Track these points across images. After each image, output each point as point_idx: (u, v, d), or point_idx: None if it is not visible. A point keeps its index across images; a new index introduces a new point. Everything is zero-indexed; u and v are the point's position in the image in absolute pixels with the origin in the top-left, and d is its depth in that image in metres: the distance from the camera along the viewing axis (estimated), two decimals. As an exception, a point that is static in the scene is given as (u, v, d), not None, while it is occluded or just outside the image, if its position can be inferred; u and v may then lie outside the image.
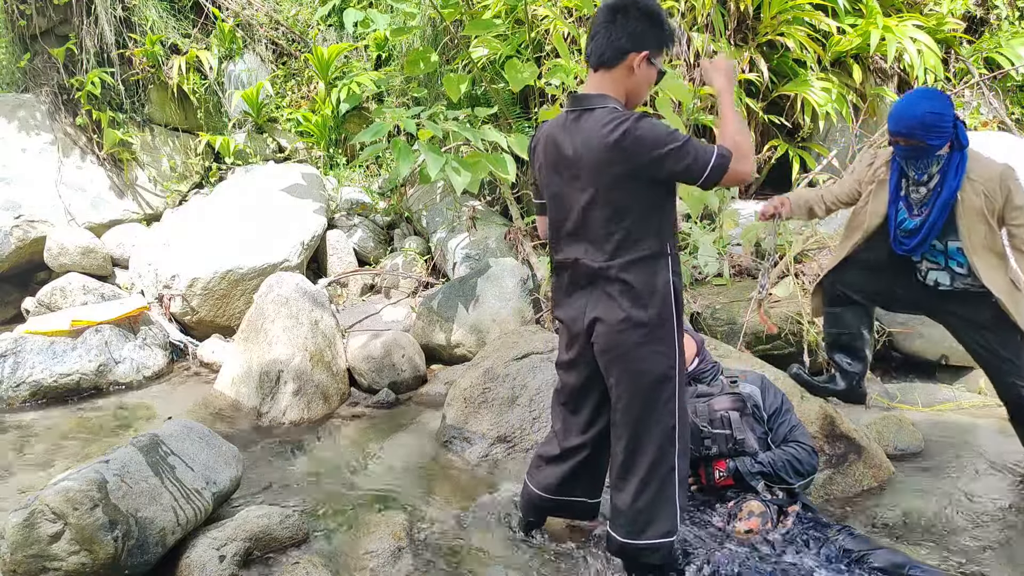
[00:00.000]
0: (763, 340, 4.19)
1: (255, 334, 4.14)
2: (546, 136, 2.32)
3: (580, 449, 2.44)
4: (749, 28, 5.44)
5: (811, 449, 2.73)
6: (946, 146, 2.71)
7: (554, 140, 2.27)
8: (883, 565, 2.28)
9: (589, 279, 2.25)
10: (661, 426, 2.23)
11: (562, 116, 2.28)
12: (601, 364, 2.28)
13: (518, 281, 4.71)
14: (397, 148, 4.36)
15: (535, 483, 2.55)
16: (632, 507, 2.26)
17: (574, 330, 2.32)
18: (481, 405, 3.50)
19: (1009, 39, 5.83)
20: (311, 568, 2.35)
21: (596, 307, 2.23)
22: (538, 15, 5.20)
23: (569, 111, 2.26)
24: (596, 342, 2.25)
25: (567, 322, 2.35)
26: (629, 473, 2.26)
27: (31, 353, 4.21)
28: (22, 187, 5.63)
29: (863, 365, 3.21)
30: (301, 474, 3.31)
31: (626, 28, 2.17)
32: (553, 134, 2.28)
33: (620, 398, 2.25)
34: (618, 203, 2.16)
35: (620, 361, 2.22)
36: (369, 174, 6.62)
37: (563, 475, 2.48)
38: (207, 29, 6.62)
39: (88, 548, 2.20)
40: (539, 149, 2.35)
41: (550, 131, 2.30)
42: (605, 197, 2.16)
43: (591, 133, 2.15)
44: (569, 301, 2.33)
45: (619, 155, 2.10)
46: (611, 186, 2.15)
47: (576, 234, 2.25)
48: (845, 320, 3.15)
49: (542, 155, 2.33)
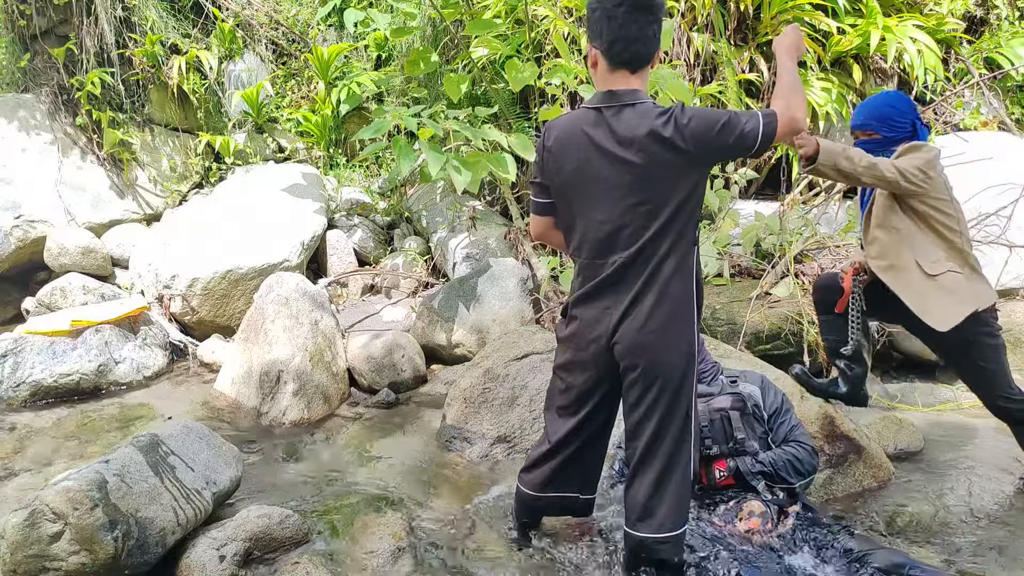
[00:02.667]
0: (763, 340, 4.19)
1: (255, 334, 4.14)
2: (570, 134, 2.23)
3: (571, 444, 2.43)
4: (749, 28, 5.44)
5: (811, 449, 2.73)
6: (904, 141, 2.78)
7: (587, 136, 2.19)
8: (883, 565, 2.28)
9: (620, 276, 2.22)
10: (679, 418, 2.25)
11: (590, 113, 2.21)
12: (625, 362, 2.24)
13: (518, 281, 4.71)
14: (398, 147, 4.36)
15: (527, 483, 2.53)
16: (651, 501, 2.26)
17: (596, 330, 2.27)
18: (481, 405, 3.50)
19: (1009, 39, 5.83)
20: (311, 568, 2.35)
21: (623, 304, 2.21)
22: (538, 15, 5.20)
23: (604, 107, 2.19)
24: (621, 340, 2.22)
25: (588, 322, 2.29)
26: (649, 467, 2.26)
27: (31, 353, 4.21)
28: (22, 187, 5.62)
29: (864, 368, 3.20)
30: (301, 474, 3.31)
31: (655, 28, 2.19)
32: (584, 130, 2.20)
33: (645, 393, 2.23)
34: (660, 196, 2.16)
35: (648, 356, 2.21)
36: (369, 174, 6.62)
37: (555, 471, 2.46)
38: (207, 29, 6.62)
39: (88, 548, 2.20)
40: (560, 147, 2.25)
41: (577, 128, 2.22)
42: (650, 190, 2.16)
43: (638, 127, 2.13)
44: (593, 300, 2.28)
45: (678, 144, 2.10)
46: (658, 178, 2.15)
47: (612, 231, 2.21)
48: (839, 326, 3.15)
49: (569, 153, 2.23)
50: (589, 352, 2.31)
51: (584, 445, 2.43)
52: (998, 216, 4.41)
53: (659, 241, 2.18)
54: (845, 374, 3.18)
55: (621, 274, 2.21)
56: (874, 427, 3.47)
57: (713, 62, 5.25)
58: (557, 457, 2.45)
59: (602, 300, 2.26)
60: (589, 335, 2.29)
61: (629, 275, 2.21)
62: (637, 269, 2.20)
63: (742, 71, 5.24)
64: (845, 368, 3.17)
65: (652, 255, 2.18)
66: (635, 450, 2.29)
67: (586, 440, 2.43)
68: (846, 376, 3.18)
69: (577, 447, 2.43)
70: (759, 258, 4.85)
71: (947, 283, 2.74)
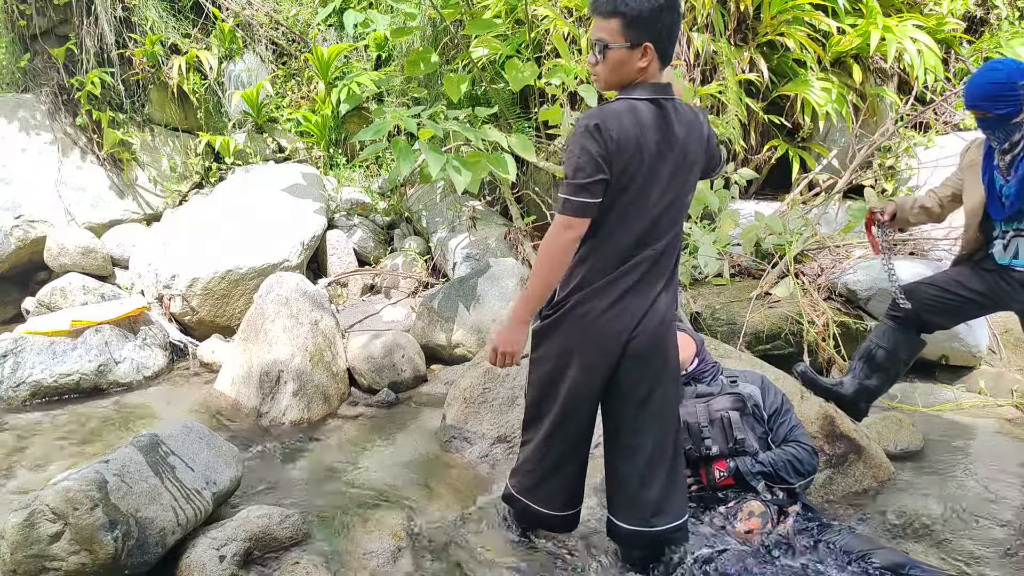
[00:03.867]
0: (763, 340, 4.20)
1: (255, 334, 4.14)
2: (642, 120, 2.13)
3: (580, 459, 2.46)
4: (749, 28, 5.44)
5: (811, 449, 2.73)
6: (1022, 114, 2.67)
7: (663, 125, 2.14)
8: (883, 565, 2.28)
9: (659, 275, 2.25)
10: (673, 411, 2.33)
11: (650, 106, 2.15)
12: (632, 363, 2.23)
13: (518, 281, 4.71)
14: (398, 147, 4.36)
15: (544, 502, 2.48)
16: (660, 496, 2.28)
17: (621, 323, 2.24)
18: (481, 405, 3.50)
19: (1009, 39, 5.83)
20: (311, 568, 2.35)
21: (649, 304, 2.25)
22: (538, 15, 5.20)
23: (664, 99, 2.17)
24: (638, 338, 2.21)
25: (617, 313, 2.26)
26: (657, 466, 2.29)
27: (31, 353, 4.21)
28: (22, 187, 5.62)
29: (879, 385, 3.17)
30: (301, 474, 3.31)
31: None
32: (656, 120, 2.14)
33: (652, 392, 2.26)
34: (688, 197, 2.29)
35: (661, 355, 2.27)
36: (369, 174, 6.61)
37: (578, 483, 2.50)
38: (207, 29, 6.61)
39: (88, 548, 2.20)
40: (625, 137, 2.10)
41: (647, 116, 2.13)
42: (689, 189, 2.28)
43: (693, 124, 2.22)
44: (635, 290, 2.23)
45: (709, 150, 2.30)
46: (695, 180, 2.29)
47: (663, 230, 2.21)
48: (895, 339, 3.09)
49: (646, 141, 2.12)
50: (606, 356, 2.26)
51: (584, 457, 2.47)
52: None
53: (679, 241, 2.32)
54: (857, 378, 3.16)
55: (665, 264, 2.26)
56: (874, 427, 3.47)
57: (713, 62, 5.25)
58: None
59: (650, 289, 2.25)
60: (615, 327, 2.23)
61: (665, 273, 2.27)
62: (672, 269, 2.30)
63: (742, 71, 5.24)
64: (861, 373, 3.15)
65: (677, 255, 2.33)
66: (640, 449, 2.28)
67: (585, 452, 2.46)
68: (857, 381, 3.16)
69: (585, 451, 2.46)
70: (759, 258, 4.85)
71: None
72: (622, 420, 2.31)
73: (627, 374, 2.25)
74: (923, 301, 3.04)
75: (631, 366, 2.23)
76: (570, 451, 2.39)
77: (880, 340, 3.15)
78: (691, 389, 2.82)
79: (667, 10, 2.11)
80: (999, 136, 2.76)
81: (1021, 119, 2.68)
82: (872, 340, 3.19)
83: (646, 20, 2.08)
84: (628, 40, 2.10)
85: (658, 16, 2.09)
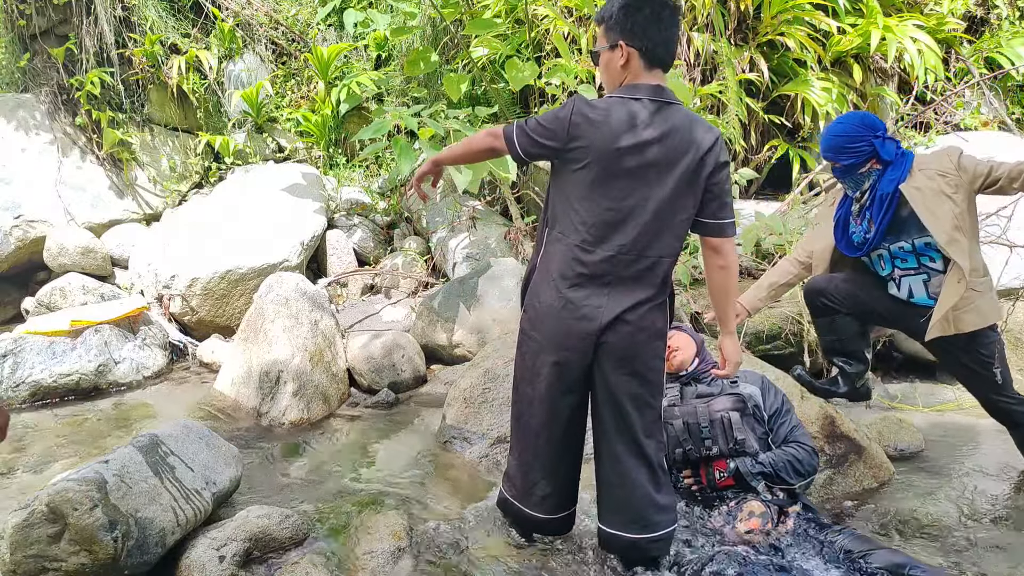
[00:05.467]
0: (763, 340, 4.19)
1: (255, 334, 4.13)
2: (618, 114, 2.17)
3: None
4: (749, 28, 5.44)
5: (811, 449, 2.73)
6: (870, 162, 2.83)
7: (641, 121, 2.17)
8: (883, 565, 2.28)
9: (635, 279, 2.24)
10: (656, 415, 2.32)
11: (638, 103, 2.19)
12: (614, 365, 2.24)
13: (518, 281, 4.70)
14: (398, 146, 4.36)
15: (539, 507, 2.49)
16: (647, 502, 2.28)
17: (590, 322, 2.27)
18: (481, 405, 3.50)
19: (1009, 39, 5.83)
20: (311, 568, 2.35)
21: (620, 303, 2.23)
22: (538, 15, 5.20)
23: (651, 99, 2.19)
24: (612, 340, 2.22)
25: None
26: (639, 471, 2.28)
27: (31, 353, 4.21)
28: (22, 187, 5.62)
29: (864, 365, 3.20)
30: (301, 474, 3.31)
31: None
32: (635, 116, 2.17)
33: (635, 396, 2.25)
34: (685, 203, 2.22)
35: (640, 359, 2.25)
36: (369, 174, 6.61)
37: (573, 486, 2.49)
38: (207, 29, 6.61)
39: (88, 548, 2.19)
40: (601, 120, 2.17)
41: (625, 111, 2.17)
42: (683, 193, 2.20)
43: (685, 129, 2.18)
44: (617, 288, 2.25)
45: (710, 162, 2.19)
46: (688, 187, 2.20)
47: (632, 229, 2.20)
48: (837, 327, 3.14)
49: (614, 130, 2.16)
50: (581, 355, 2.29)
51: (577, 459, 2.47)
52: (998, 216, 4.41)
53: (671, 244, 2.31)
54: (844, 372, 3.19)
55: (639, 267, 2.24)
56: (874, 427, 3.47)
57: (713, 62, 5.25)
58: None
59: (622, 290, 2.26)
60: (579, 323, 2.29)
61: (639, 269, 2.26)
62: (648, 264, 2.29)
63: (742, 71, 5.24)
64: (843, 365, 3.18)
65: (666, 256, 2.31)
66: (620, 455, 2.28)
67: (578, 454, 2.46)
68: (845, 374, 3.18)
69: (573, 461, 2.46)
70: (759, 258, 4.85)
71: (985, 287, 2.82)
72: (598, 424, 2.33)
73: (601, 378, 2.27)
74: (832, 299, 3.11)
75: (607, 369, 2.25)
76: (556, 453, 2.39)
77: (827, 334, 3.21)
78: (691, 389, 2.81)
79: (634, 8, 2.19)
80: (850, 184, 2.93)
81: (867, 169, 2.84)
82: (823, 339, 3.27)
83: (617, 20, 2.22)
84: (608, 42, 2.25)
85: (626, 14, 2.20)
